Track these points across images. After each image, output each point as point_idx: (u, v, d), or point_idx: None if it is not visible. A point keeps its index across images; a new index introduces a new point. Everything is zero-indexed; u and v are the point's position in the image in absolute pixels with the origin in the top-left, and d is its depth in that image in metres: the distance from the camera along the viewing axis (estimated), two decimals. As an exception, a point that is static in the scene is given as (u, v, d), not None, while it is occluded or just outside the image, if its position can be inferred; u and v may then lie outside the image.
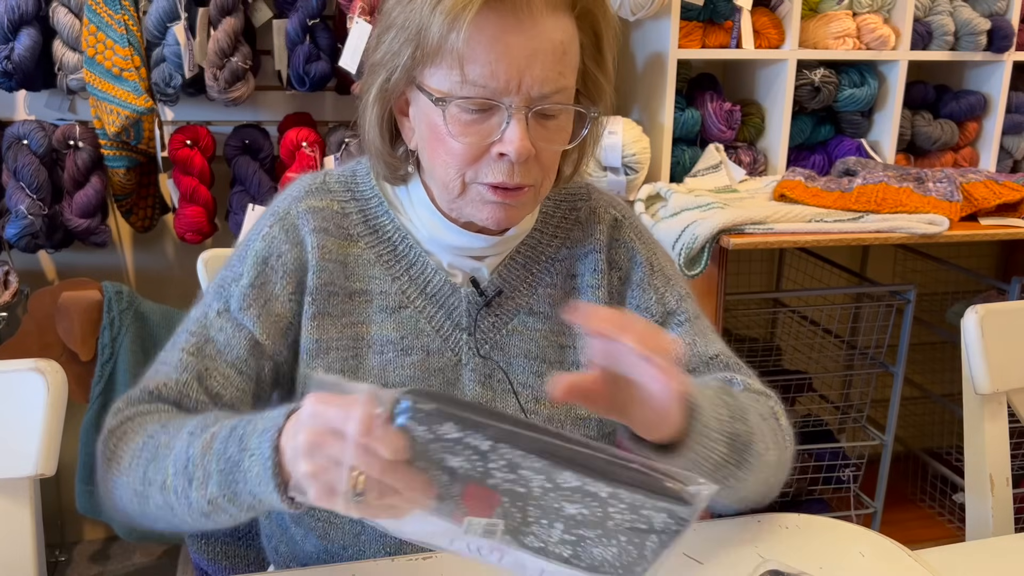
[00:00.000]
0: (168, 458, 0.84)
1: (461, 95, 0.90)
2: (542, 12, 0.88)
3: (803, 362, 2.56)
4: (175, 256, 2.36)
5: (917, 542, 1.02)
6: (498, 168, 0.92)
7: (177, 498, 0.83)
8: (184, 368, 0.97)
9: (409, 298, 1.03)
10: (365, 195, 1.06)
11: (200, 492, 0.81)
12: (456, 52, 0.88)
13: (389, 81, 0.95)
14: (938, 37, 2.35)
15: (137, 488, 0.88)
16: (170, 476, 0.83)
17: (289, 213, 1.03)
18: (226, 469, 0.79)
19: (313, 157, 2.09)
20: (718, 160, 2.26)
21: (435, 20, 0.88)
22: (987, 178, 2.16)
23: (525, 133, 0.90)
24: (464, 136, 0.91)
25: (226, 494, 0.80)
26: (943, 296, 2.70)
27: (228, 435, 0.81)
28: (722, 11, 2.20)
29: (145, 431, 0.90)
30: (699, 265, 1.94)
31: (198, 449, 0.82)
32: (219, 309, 1.01)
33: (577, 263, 1.09)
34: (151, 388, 0.96)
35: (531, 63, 0.88)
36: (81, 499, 2.12)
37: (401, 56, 0.92)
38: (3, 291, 2.02)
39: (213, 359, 0.98)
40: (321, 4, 2.03)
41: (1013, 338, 1.25)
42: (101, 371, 2.04)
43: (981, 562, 1.07)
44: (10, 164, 2.02)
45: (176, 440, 0.85)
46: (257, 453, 0.77)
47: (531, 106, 0.90)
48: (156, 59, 2.01)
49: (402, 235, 1.04)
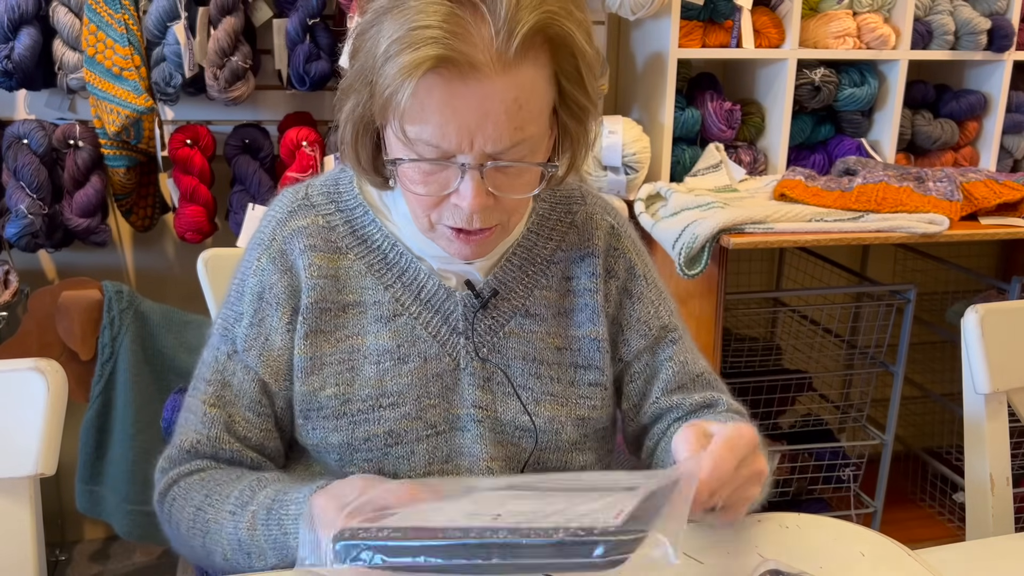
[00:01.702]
0: (220, 534, 0.95)
1: (413, 154, 0.88)
2: (490, 74, 0.83)
3: (803, 361, 2.57)
4: (175, 255, 2.36)
5: (917, 541, 1.02)
6: (458, 215, 0.91)
7: (241, 566, 0.94)
8: (212, 423, 1.02)
9: (404, 305, 1.03)
10: (349, 205, 1.05)
11: (261, 563, 0.92)
12: (401, 115, 0.85)
13: (355, 110, 0.92)
14: (938, 36, 2.35)
15: (199, 552, 0.98)
16: (228, 552, 0.94)
17: (275, 240, 1.04)
18: (277, 547, 0.90)
19: (313, 156, 2.09)
20: (718, 159, 2.26)
21: (381, 78, 0.85)
22: (987, 177, 2.17)
23: (480, 189, 0.88)
24: (422, 186, 0.90)
25: (284, 560, 0.90)
26: (943, 296, 2.70)
27: (266, 518, 0.91)
28: (722, 10, 2.20)
29: (192, 502, 0.99)
30: (699, 264, 1.94)
31: (244, 532, 0.92)
32: (228, 352, 1.04)
33: (572, 266, 1.09)
34: (187, 447, 1.02)
35: (482, 124, 0.84)
36: (81, 498, 2.12)
37: (362, 94, 0.90)
38: (3, 290, 2.02)
39: (234, 405, 1.03)
40: (321, 3, 2.03)
41: (1013, 337, 1.25)
42: (101, 370, 2.04)
43: (981, 562, 1.07)
44: (10, 163, 2.02)
45: (221, 517, 0.95)
46: (299, 538, 0.84)
47: (485, 163, 0.87)
48: (156, 58, 2.01)
49: (391, 243, 1.04)
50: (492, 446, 1.03)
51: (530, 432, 1.04)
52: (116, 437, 2.07)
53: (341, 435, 1.01)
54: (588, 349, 1.07)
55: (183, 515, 0.99)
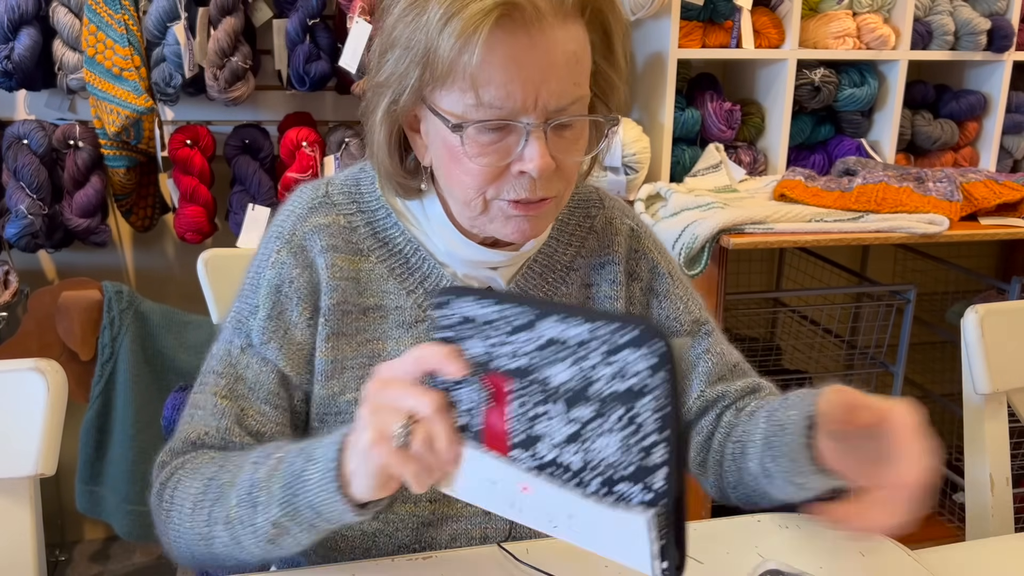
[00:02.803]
0: (231, 492, 0.85)
1: (477, 118, 0.86)
2: (553, 25, 0.84)
3: (803, 362, 2.56)
4: (175, 256, 2.36)
5: (917, 542, 1.02)
6: (520, 184, 0.90)
7: (243, 527, 0.84)
8: (222, 414, 0.96)
9: (425, 312, 1.01)
10: (371, 206, 1.03)
11: (264, 515, 0.82)
12: (469, 75, 0.84)
13: (397, 103, 0.91)
14: (938, 37, 2.35)
15: (202, 531, 0.87)
16: (234, 507, 0.84)
17: (295, 234, 1.00)
18: (289, 483, 0.80)
19: (313, 157, 2.09)
20: (718, 160, 2.26)
21: (444, 42, 0.84)
22: (987, 178, 2.17)
23: (545, 150, 0.87)
24: (483, 157, 0.89)
25: (288, 511, 0.80)
26: (943, 296, 2.70)
27: (298, 452, 0.82)
28: (722, 11, 2.20)
29: (202, 474, 0.90)
30: (699, 265, 1.94)
31: (263, 473, 0.83)
32: (242, 345, 0.99)
33: (592, 273, 1.08)
34: (193, 438, 0.96)
35: (546, 78, 0.85)
36: (81, 499, 2.12)
37: (408, 77, 0.89)
38: (3, 291, 2.02)
39: (246, 398, 0.98)
40: (321, 4, 2.03)
41: (1013, 338, 1.25)
42: (101, 371, 2.04)
43: (981, 562, 1.07)
44: (10, 164, 2.02)
45: (240, 473, 0.86)
46: (321, 460, 0.79)
47: (548, 120, 0.87)
48: (156, 59, 2.01)
49: (414, 247, 1.02)
50: None
51: None
52: (116, 437, 2.07)
53: None
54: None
55: (188, 492, 0.90)
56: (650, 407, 0.67)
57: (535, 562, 0.93)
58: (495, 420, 0.73)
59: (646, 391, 0.66)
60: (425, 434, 0.73)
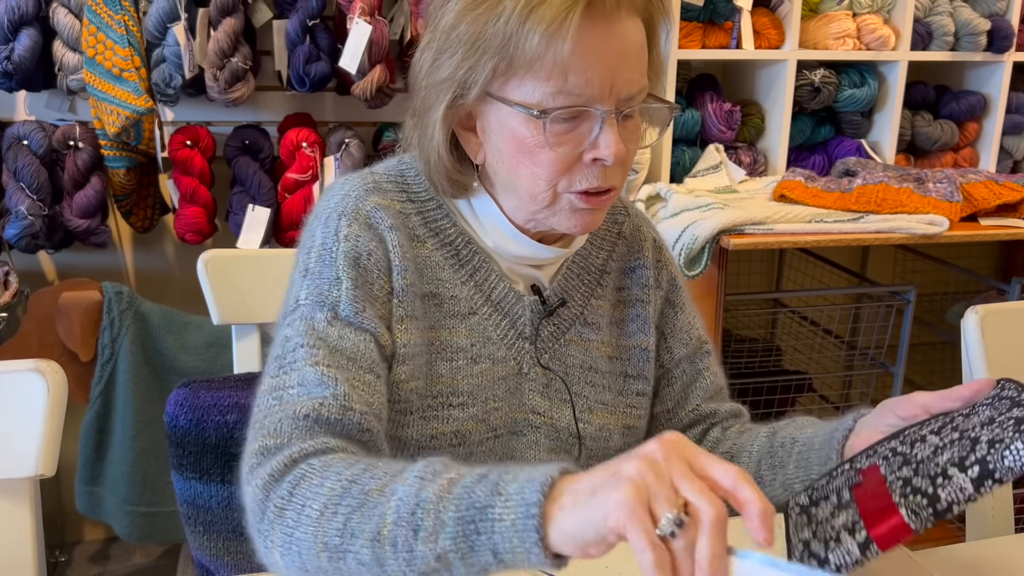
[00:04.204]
0: (387, 503, 0.70)
1: (556, 105, 0.89)
2: (625, 17, 0.89)
3: (803, 362, 2.56)
4: (175, 256, 2.36)
5: (917, 542, 1.02)
6: (591, 173, 0.92)
7: (396, 552, 0.68)
8: (333, 381, 0.85)
9: (476, 304, 1.01)
10: (421, 196, 1.02)
11: (428, 545, 0.67)
12: (558, 63, 0.87)
13: (462, 98, 0.91)
14: (938, 37, 2.35)
15: (331, 541, 0.71)
16: (388, 525, 0.69)
17: (360, 210, 0.96)
18: (468, 516, 0.66)
19: (313, 158, 2.09)
20: (718, 160, 2.26)
21: (529, 33, 0.86)
22: (987, 178, 2.16)
23: (618, 136, 0.90)
24: (559, 146, 0.90)
25: (461, 548, 0.66)
26: (943, 296, 2.70)
27: (477, 480, 0.68)
28: (722, 11, 2.20)
29: (341, 475, 0.75)
30: (699, 265, 1.94)
31: (433, 493, 0.68)
32: (327, 319, 0.90)
33: (624, 277, 1.11)
34: (304, 412, 0.82)
35: (620, 67, 0.89)
36: (81, 499, 2.12)
37: (478, 72, 0.89)
38: (3, 291, 2.02)
39: (349, 369, 0.88)
40: (321, 5, 2.03)
41: (1013, 338, 1.25)
42: (101, 372, 2.04)
43: (981, 563, 1.07)
44: (10, 164, 2.02)
45: (397, 484, 0.71)
46: (517, 499, 0.65)
47: (620, 109, 0.91)
48: (156, 59, 2.01)
49: (465, 239, 1.01)
50: (545, 452, 1.03)
51: (581, 440, 1.04)
52: (116, 438, 2.07)
53: (410, 431, 0.96)
54: (638, 359, 1.09)
55: (320, 491, 0.74)
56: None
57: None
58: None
59: None
60: (694, 535, 0.60)
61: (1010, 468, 0.73)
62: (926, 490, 0.74)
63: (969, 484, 0.73)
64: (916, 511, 0.73)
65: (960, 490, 0.73)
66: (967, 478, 0.73)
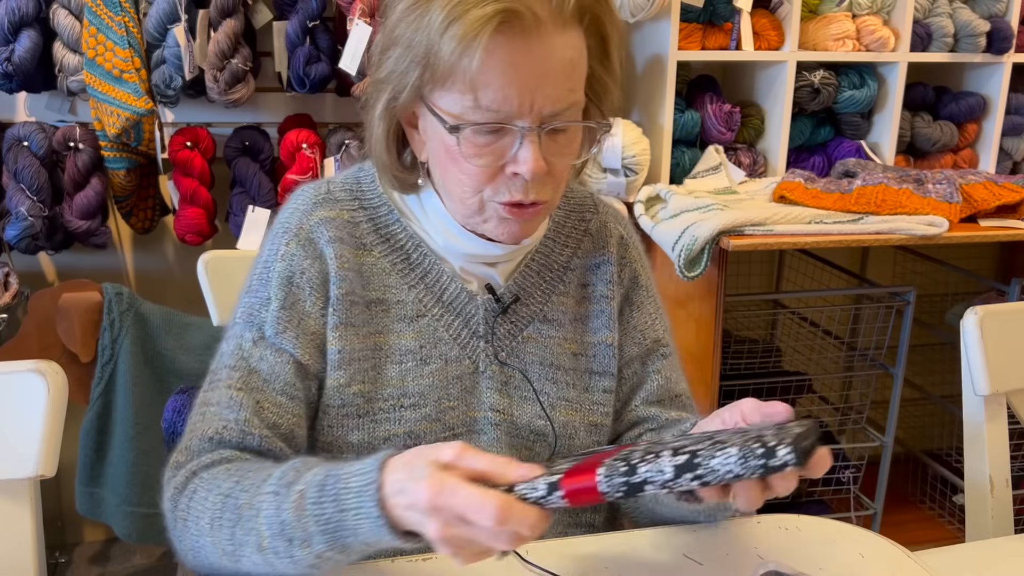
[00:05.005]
0: (256, 519, 0.81)
1: (473, 120, 0.89)
2: (551, 32, 0.87)
3: (803, 363, 2.56)
4: (175, 258, 2.36)
5: (917, 543, 1.02)
6: (513, 187, 0.92)
7: (279, 557, 0.80)
8: (239, 406, 0.94)
9: (426, 307, 1.03)
10: (373, 203, 1.05)
11: (305, 550, 0.79)
12: (468, 78, 0.86)
13: (396, 99, 0.93)
14: (937, 39, 2.35)
15: (226, 548, 0.84)
16: (266, 538, 0.80)
17: (302, 227, 1.02)
18: (329, 529, 0.77)
19: (313, 159, 2.10)
20: (718, 162, 2.27)
21: (445, 44, 0.86)
22: (987, 179, 2.17)
23: (539, 153, 0.89)
24: (478, 158, 0.91)
25: (335, 547, 0.78)
26: (943, 297, 2.70)
27: (319, 495, 0.78)
28: (722, 13, 2.20)
29: (219, 489, 0.86)
30: (699, 267, 1.94)
31: (290, 513, 0.79)
32: (254, 338, 0.98)
33: (588, 273, 1.10)
34: (210, 434, 0.93)
35: (542, 84, 0.87)
36: (81, 500, 2.12)
37: (408, 76, 0.91)
38: (3, 293, 2.02)
39: (262, 390, 0.96)
40: (321, 6, 2.03)
41: (1013, 339, 1.25)
42: (101, 372, 2.04)
43: (981, 563, 1.07)
44: (10, 166, 2.02)
45: (259, 500, 0.82)
46: (362, 512, 0.76)
47: (543, 125, 0.89)
48: (156, 61, 2.01)
49: (415, 243, 1.04)
50: (507, 450, 1.04)
51: (544, 437, 1.04)
52: (116, 439, 2.07)
53: (362, 434, 1.00)
54: (603, 355, 1.09)
55: (205, 505, 0.86)
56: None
57: (536, 561, 0.93)
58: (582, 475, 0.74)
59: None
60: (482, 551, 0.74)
61: (714, 470, 0.71)
62: (631, 460, 0.73)
63: (671, 469, 0.72)
64: (611, 474, 0.73)
65: (659, 471, 0.72)
66: (671, 463, 0.72)
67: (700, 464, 0.72)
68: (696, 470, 0.72)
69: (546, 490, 0.73)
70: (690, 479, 0.72)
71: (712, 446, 0.73)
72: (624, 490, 0.73)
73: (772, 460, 0.70)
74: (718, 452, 0.72)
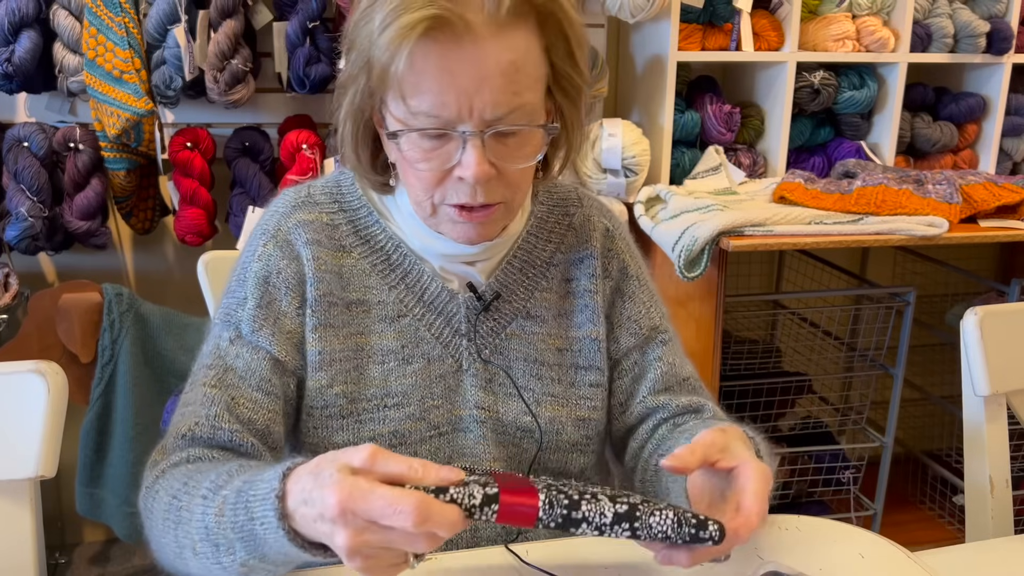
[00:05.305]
0: (190, 523, 0.81)
1: (415, 125, 0.89)
2: (484, 36, 0.85)
3: (803, 364, 2.56)
4: (175, 258, 2.36)
5: (917, 544, 1.02)
6: (461, 190, 0.92)
7: (210, 562, 0.80)
8: (211, 402, 0.95)
9: (407, 307, 1.03)
10: (352, 205, 1.06)
11: (229, 557, 0.78)
12: (398, 83, 0.86)
13: (354, 103, 0.94)
14: (937, 39, 2.35)
15: (174, 549, 0.85)
16: (197, 543, 0.81)
17: (280, 229, 1.03)
18: (244, 536, 0.76)
19: (313, 159, 2.10)
20: (718, 162, 2.27)
21: (377, 49, 0.86)
22: (986, 180, 2.17)
23: (482, 157, 0.89)
24: (424, 163, 0.91)
25: (255, 555, 0.77)
26: (943, 298, 2.70)
27: (235, 501, 0.77)
28: (722, 13, 2.20)
29: (170, 490, 0.87)
30: (699, 267, 1.94)
31: (212, 518, 0.79)
32: (231, 337, 0.99)
33: (572, 268, 1.10)
34: (183, 432, 0.94)
35: (480, 89, 0.86)
36: (81, 501, 2.12)
37: (359, 80, 0.91)
38: (3, 293, 2.02)
39: (237, 387, 0.97)
40: (321, 6, 2.03)
41: (1013, 340, 1.25)
42: (101, 373, 2.05)
43: (981, 564, 1.07)
44: (10, 166, 2.02)
45: (194, 504, 0.82)
46: (266, 522, 0.74)
47: (486, 129, 0.89)
48: (156, 61, 2.01)
49: (395, 244, 1.04)
50: (494, 447, 1.04)
51: (531, 433, 1.04)
52: (116, 440, 2.07)
53: (346, 435, 1.01)
54: (588, 350, 1.08)
55: (159, 506, 0.87)
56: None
57: (536, 561, 0.93)
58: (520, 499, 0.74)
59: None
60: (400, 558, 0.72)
61: (649, 526, 0.76)
62: (572, 496, 0.75)
63: (610, 515, 0.75)
64: (552, 504, 0.73)
65: (600, 513, 0.75)
66: (611, 510, 0.75)
67: (639, 518, 0.75)
68: (633, 523, 0.75)
69: (481, 499, 0.71)
70: (625, 529, 0.75)
71: (651, 505, 0.77)
72: (558, 522, 0.74)
73: (702, 532, 0.77)
74: (657, 512, 0.76)
